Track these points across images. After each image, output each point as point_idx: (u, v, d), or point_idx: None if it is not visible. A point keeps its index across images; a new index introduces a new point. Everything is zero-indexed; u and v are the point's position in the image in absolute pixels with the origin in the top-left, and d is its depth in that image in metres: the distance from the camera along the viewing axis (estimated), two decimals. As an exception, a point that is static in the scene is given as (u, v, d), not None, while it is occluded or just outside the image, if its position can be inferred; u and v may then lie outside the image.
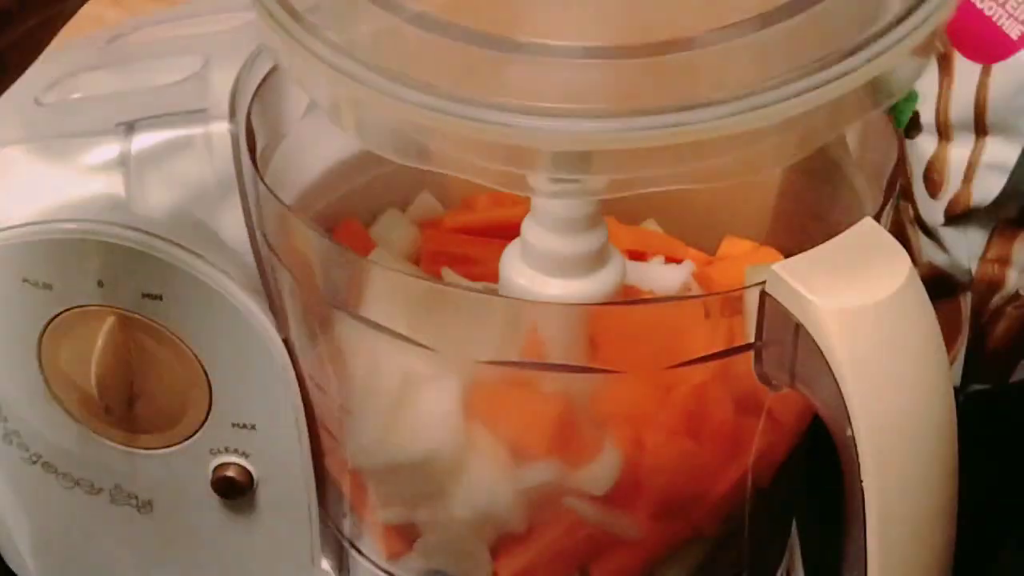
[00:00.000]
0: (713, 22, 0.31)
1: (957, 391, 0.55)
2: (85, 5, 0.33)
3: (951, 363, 0.56)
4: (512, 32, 0.31)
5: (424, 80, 0.30)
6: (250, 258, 0.41)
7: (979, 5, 0.50)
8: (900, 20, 0.31)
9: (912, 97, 0.41)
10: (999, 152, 0.51)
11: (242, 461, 0.44)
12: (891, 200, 0.38)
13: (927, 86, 0.52)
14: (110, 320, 0.42)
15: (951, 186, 0.53)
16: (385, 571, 0.45)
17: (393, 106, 0.30)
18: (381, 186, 0.45)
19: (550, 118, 0.29)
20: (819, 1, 0.31)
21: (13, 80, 0.31)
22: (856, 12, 0.32)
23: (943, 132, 0.53)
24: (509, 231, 0.39)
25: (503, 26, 0.31)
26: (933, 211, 0.54)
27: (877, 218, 0.36)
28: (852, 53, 0.30)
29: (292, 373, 0.42)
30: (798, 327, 0.33)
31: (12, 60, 0.31)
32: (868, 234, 0.35)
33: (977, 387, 0.57)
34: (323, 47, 0.31)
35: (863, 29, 0.31)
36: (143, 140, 0.42)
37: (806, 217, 0.44)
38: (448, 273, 0.43)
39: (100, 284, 0.41)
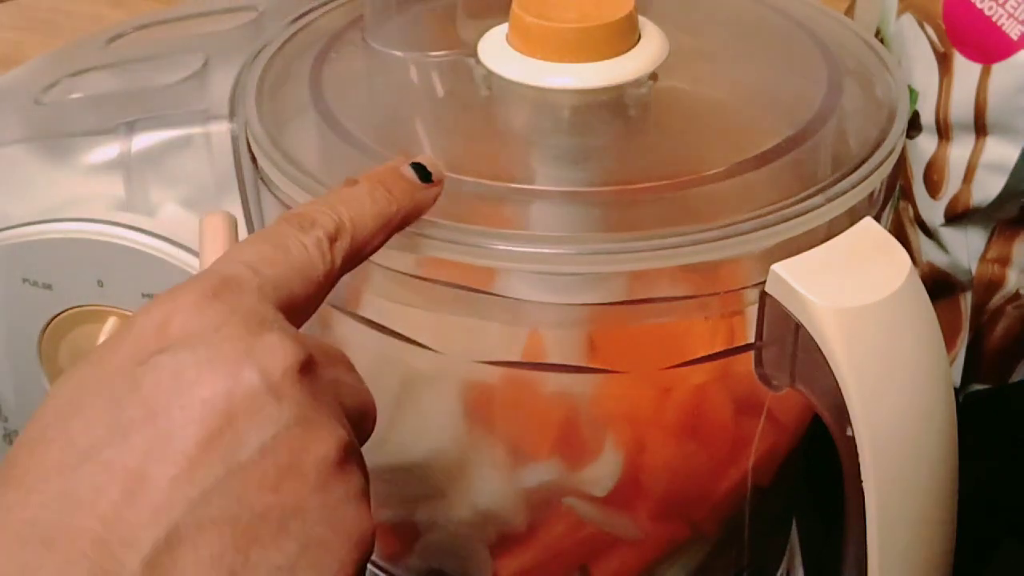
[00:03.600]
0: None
1: (957, 391, 0.55)
2: (85, 5, 0.33)
3: (951, 363, 0.56)
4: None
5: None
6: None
7: (979, 5, 0.50)
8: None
9: (911, 97, 0.40)
10: (999, 152, 0.51)
11: (242, 461, 0.44)
12: (891, 200, 0.38)
13: (927, 86, 0.52)
14: (110, 320, 0.42)
15: (951, 186, 0.53)
16: (385, 571, 0.45)
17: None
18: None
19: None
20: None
21: None
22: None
23: (943, 132, 0.52)
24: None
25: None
26: (933, 211, 0.54)
27: (877, 218, 0.36)
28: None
29: (292, 373, 0.42)
30: (798, 327, 0.33)
31: None
32: (868, 234, 0.35)
33: (977, 387, 0.57)
34: None
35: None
36: (143, 140, 0.42)
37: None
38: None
39: (100, 284, 0.41)
